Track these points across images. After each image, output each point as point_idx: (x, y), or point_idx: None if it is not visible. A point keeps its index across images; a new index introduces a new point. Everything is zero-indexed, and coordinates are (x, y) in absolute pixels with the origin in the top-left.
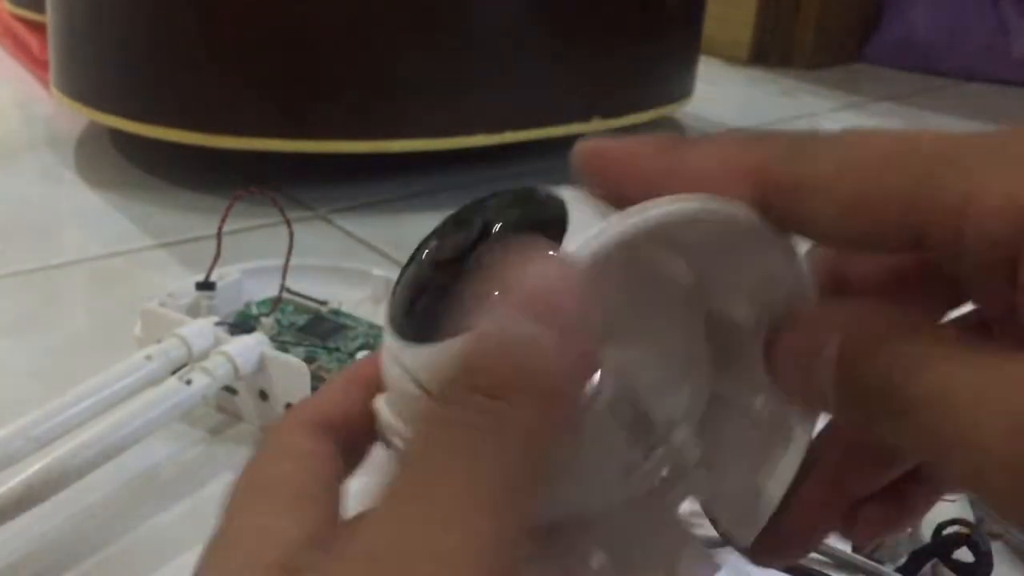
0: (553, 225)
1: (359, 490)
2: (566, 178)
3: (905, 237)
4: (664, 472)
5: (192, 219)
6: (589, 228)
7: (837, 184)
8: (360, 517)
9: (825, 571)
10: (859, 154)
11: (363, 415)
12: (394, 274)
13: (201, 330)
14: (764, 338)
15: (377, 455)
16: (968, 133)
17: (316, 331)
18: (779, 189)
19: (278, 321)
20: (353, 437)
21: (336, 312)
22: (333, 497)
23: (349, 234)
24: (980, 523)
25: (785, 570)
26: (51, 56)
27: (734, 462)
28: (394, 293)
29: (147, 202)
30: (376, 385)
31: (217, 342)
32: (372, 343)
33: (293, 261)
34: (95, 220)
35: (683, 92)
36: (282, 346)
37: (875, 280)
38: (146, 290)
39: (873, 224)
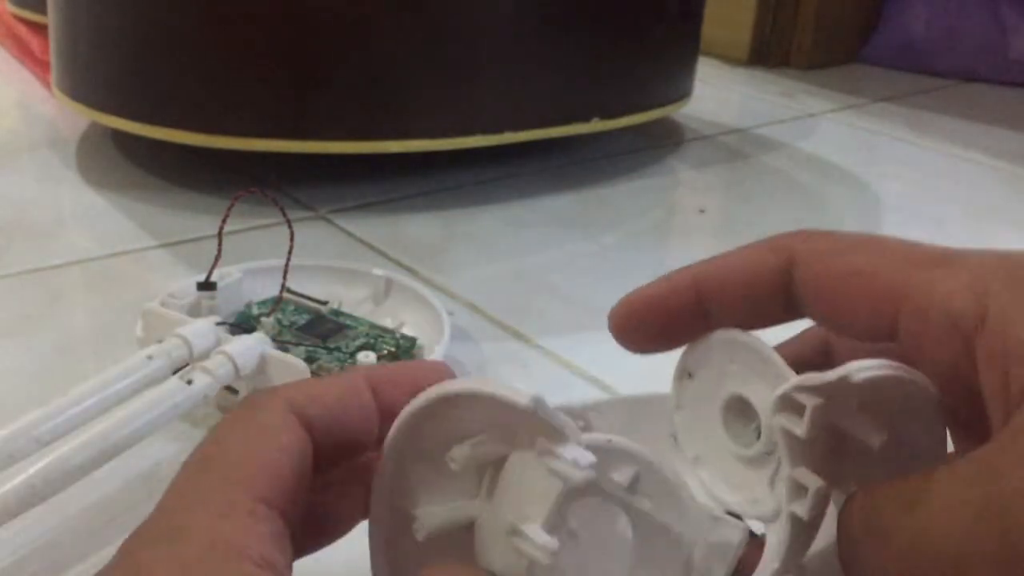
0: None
1: None
2: (565, 177)
3: (884, 311)
4: None
5: (193, 219)
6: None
7: (834, 258)
8: None
9: None
10: (867, 242)
11: (357, 420)
12: (394, 274)
13: (202, 330)
14: None
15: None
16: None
17: (317, 331)
18: (796, 262)
19: (279, 321)
20: (331, 439)
21: (336, 312)
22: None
23: (349, 234)
24: None
25: None
26: (52, 57)
27: None
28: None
29: (148, 202)
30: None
31: (218, 342)
32: (372, 343)
33: (294, 261)
34: (96, 220)
35: (682, 92)
36: (283, 346)
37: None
38: (147, 290)
39: (859, 298)
